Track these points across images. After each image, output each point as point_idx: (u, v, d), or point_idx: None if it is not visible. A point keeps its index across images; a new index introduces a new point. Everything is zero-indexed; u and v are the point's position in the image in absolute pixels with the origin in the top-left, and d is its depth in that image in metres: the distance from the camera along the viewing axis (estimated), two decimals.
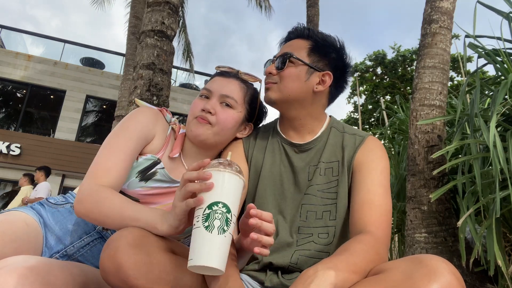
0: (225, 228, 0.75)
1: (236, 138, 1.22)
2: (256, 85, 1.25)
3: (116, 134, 1.07)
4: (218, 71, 1.25)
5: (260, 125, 1.30)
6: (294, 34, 1.19)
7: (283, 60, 1.13)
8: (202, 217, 0.75)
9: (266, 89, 1.16)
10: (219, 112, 1.12)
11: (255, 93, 1.23)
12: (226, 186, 0.78)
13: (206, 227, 0.74)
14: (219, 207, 0.76)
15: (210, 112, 1.12)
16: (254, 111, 1.23)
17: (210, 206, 0.76)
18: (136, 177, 1.08)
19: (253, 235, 0.80)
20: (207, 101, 1.14)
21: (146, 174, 1.09)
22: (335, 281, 0.72)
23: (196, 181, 0.80)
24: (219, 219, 0.75)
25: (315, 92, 1.12)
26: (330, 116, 1.23)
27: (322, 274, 0.72)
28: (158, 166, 1.10)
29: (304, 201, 1.08)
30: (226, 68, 1.23)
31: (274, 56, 1.18)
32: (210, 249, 0.73)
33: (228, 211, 0.76)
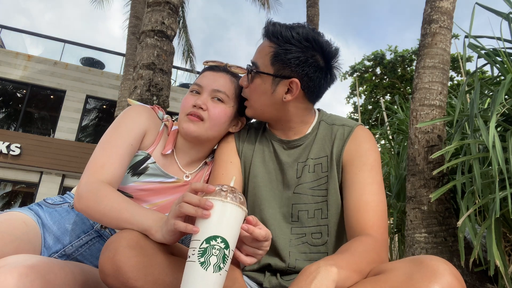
0: (221, 265, 0.70)
1: (228, 133, 1.21)
2: None
3: (109, 132, 1.08)
4: (206, 66, 1.24)
5: (253, 121, 1.27)
6: (264, 33, 1.09)
7: (248, 73, 1.08)
8: (199, 251, 0.70)
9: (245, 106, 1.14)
10: (211, 107, 1.12)
11: None
12: (228, 219, 0.73)
13: (202, 263, 0.69)
14: (218, 242, 0.70)
15: (202, 108, 1.11)
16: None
17: (208, 240, 0.70)
18: (128, 173, 1.09)
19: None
20: (198, 96, 1.14)
21: (137, 170, 1.10)
22: (337, 278, 0.71)
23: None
24: (216, 255, 0.70)
25: (286, 102, 1.05)
26: (319, 110, 1.18)
27: (325, 271, 0.71)
28: (149, 161, 1.11)
29: (294, 201, 1.06)
30: (214, 62, 1.23)
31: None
32: (203, 287, 0.69)
33: (227, 246, 0.71)
